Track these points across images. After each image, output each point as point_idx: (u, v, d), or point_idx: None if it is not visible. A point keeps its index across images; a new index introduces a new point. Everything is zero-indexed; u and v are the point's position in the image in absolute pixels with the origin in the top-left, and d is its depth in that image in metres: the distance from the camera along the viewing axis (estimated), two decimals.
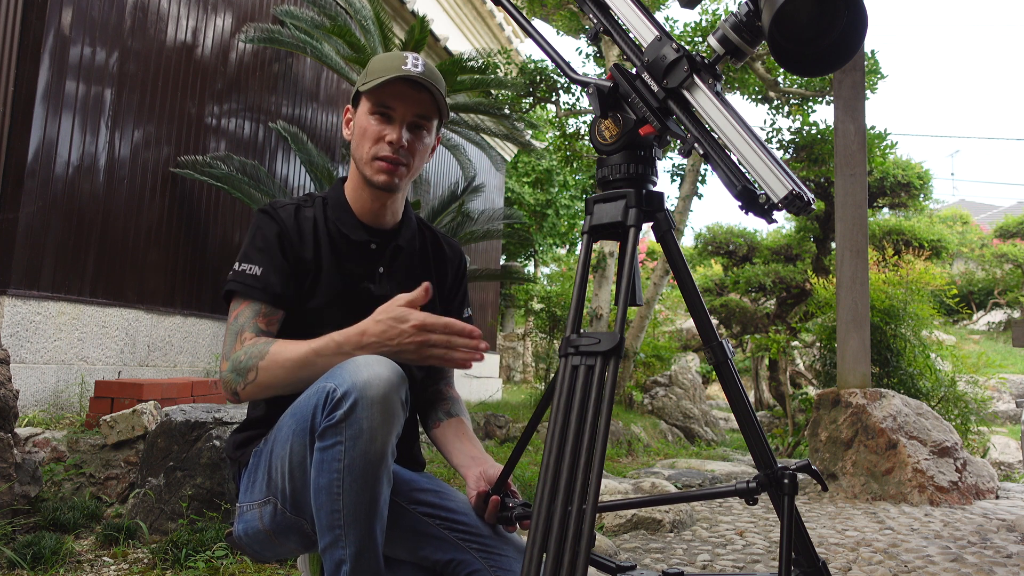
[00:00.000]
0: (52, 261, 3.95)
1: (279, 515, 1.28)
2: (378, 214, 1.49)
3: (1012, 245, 17.53)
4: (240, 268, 1.38)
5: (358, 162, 1.44)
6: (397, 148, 1.41)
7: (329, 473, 1.13)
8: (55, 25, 3.96)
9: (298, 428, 1.21)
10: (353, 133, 1.46)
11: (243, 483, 1.37)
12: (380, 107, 1.42)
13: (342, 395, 1.13)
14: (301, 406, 1.22)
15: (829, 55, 0.96)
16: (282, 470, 1.25)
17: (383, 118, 1.42)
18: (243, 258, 1.39)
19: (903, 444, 4.12)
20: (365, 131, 1.42)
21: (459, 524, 1.39)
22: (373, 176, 1.42)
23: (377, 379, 1.13)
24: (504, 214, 6.74)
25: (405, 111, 1.42)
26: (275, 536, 1.31)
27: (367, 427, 1.12)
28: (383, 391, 1.13)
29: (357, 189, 1.48)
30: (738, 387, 1.12)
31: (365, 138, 1.42)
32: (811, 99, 8.29)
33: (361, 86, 1.43)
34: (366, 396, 1.12)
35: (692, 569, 2.61)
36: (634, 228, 1.07)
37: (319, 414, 1.15)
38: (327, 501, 1.14)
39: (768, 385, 9.79)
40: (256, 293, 1.36)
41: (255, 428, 1.42)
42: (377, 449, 1.13)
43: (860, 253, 4.47)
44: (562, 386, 1.02)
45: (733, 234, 10.92)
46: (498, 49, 8.13)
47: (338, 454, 1.13)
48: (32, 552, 2.20)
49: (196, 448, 2.65)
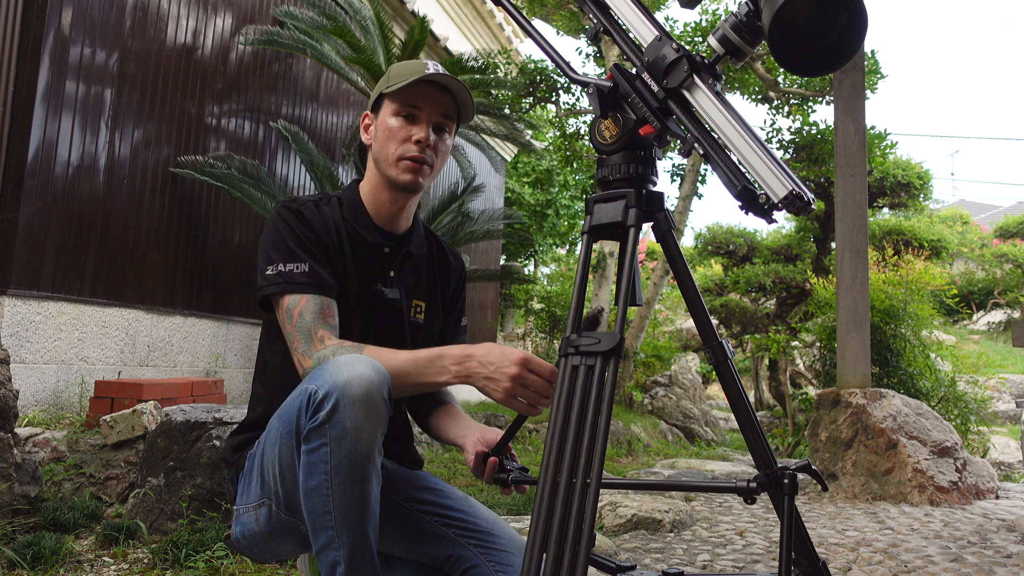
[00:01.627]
0: (52, 261, 3.95)
1: (274, 517, 1.29)
2: (394, 217, 1.49)
3: (1012, 245, 17.54)
4: (283, 268, 1.35)
5: (382, 163, 1.44)
6: (424, 147, 1.42)
7: (317, 475, 1.13)
8: (55, 25, 3.96)
9: (285, 431, 1.21)
10: (376, 136, 1.46)
11: (240, 486, 1.37)
12: (407, 107, 1.43)
13: (323, 396, 1.13)
14: (287, 409, 1.22)
15: (829, 55, 0.96)
16: (274, 473, 1.25)
17: (408, 119, 1.43)
18: (285, 257, 1.36)
19: (903, 444, 4.12)
20: (391, 132, 1.43)
21: (457, 520, 1.40)
22: (399, 176, 1.43)
23: (358, 378, 1.13)
24: (504, 214, 6.74)
25: (431, 111, 1.44)
26: (272, 538, 1.31)
27: (351, 426, 1.12)
28: (364, 389, 1.13)
29: (375, 191, 1.48)
30: (738, 387, 1.12)
31: (391, 139, 1.43)
32: (811, 99, 8.29)
33: (385, 89, 1.44)
34: (347, 395, 1.12)
35: (692, 569, 2.61)
36: (634, 228, 1.07)
37: (303, 416, 1.15)
38: (318, 503, 1.14)
39: (768, 385, 9.80)
40: (312, 288, 1.34)
41: (251, 431, 1.42)
42: (363, 448, 1.13)
43: (860, 253, 4.47)
44: (562, 386, 1.02)
45: (733, 234, 10.92)
46: (498, 49, 8.13)
47: (324, 456, 1.13)
48: (32, 552, 2.20)
49: (196, 448, 2.65)
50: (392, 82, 1.43)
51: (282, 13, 5.69)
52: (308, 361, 1.28)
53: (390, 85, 1.43)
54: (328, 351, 1.27)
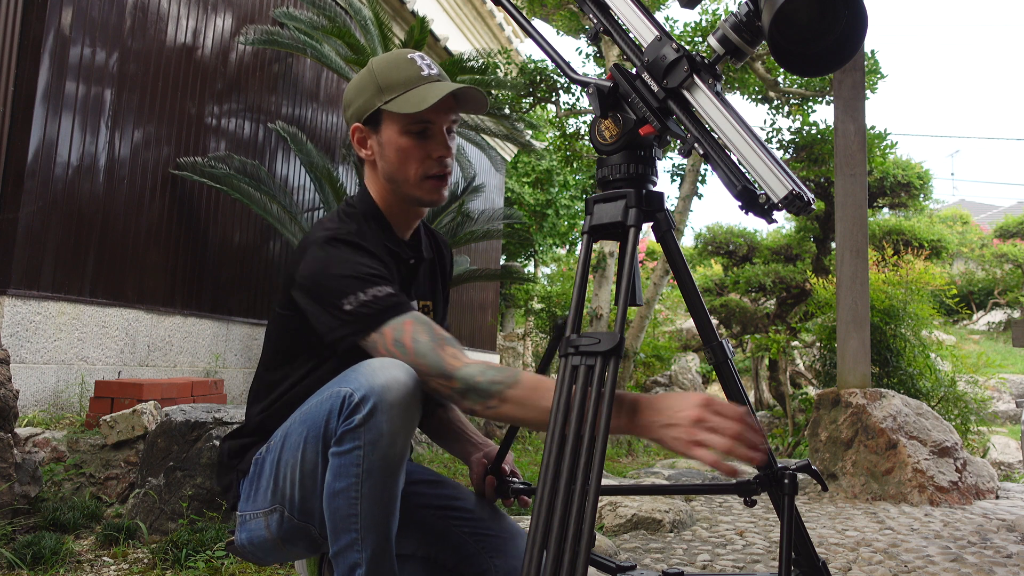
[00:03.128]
0: (52, 261, 3.95)
1: (286, 522, 1.27)
2: (411, 228, 1.45)
3: (1012, 245, 17.53)
4: (365, 297, 1.21)
5: (401, 184, 1.36)
6: (444, 159, 1.36)
7: (347, 478, 1.12)
8: (55, 25, 3.96)
9: (310, 435, 1.19)
10: (382, 154, 1.36)
11: (243, 491, 1.35)
12: (418, 124, 1.33)
13: (360, 399, 1.11)
14: (313, 412, 1.20)
15: (829, 55, 0.96)
16: (292, 477, 1.23)
17: (421, 135, 1.34)
18: (363, 284, 1.22)
19: (903, 444, 4.12)
20: (406, 152, 1.34)
21: (453, 510, 1.42)
22: (425, 196, 1.37)
23: (395, 383, 1.12)
24: (504, 214, 6.75)
25: (442, 121, 1.36)
26: (284, 543, 1.29)
27: (387, 431, 1.11)
28: (402, 395, 1.12)
29: (392, 206, 1.40)
30: (738, 387, 1.12)
31: (408, 159, 1.34)
32: (811, 99, 8.29)
33: (385, 104, 1.33)
34: (385, 400, 1.11)
35: (692, 569, 2.61)
36: (634, 228, 1.07)
37: (334, 419, 1.14)
38: (343, 505, 1.13)
39: (768, 385, 9.80)
40: (405, 307, 1.23)
41: (250, 436, 1.39)
42: (397, 453, 1.13)
43: (860, 253, 4.46)
44: (562, 386, 1.02)
45: (733, 234, 10.92)
46: (498, 49, 8.13)
47: (356, 459, 1.12)
48: (32, 552, 2.20)
49: (196, 448, 2.65)
50: (391, 94, 1.33)
51: (282, 14, 5.69)
52: (455, 383, 1.17)
53: (390, 99, 1.32)
54: (475, 371, 1.15)
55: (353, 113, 1.39)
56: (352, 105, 1.39)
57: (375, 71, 1.36)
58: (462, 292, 9.11)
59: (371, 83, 1.35)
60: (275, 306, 1.39)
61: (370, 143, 1.38)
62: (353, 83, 1.40)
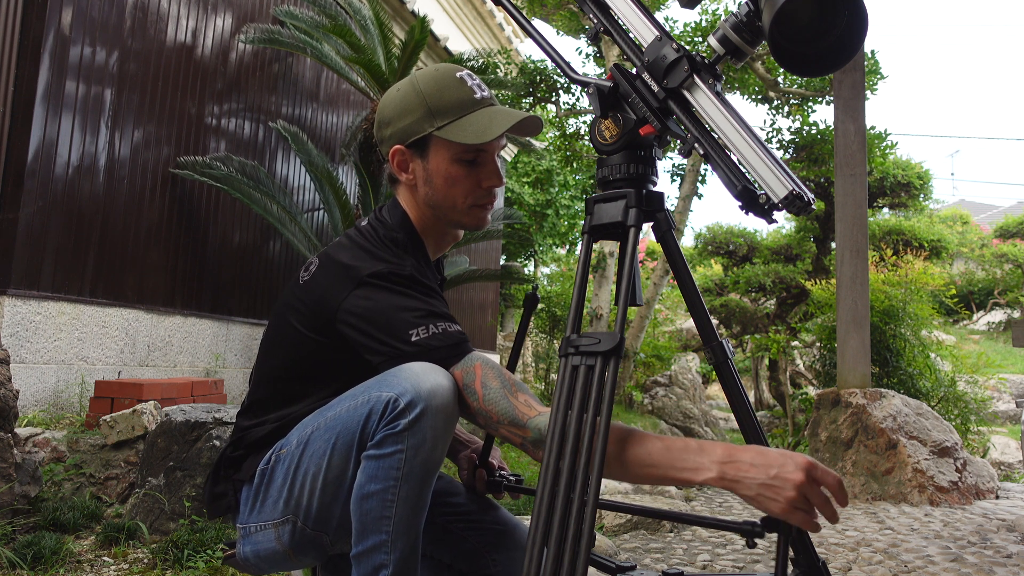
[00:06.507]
0: (52, 261, 3.95)
1: (299, 533, 1.23)
2: (444, 251, 1.41)
3: (1012, 245, 17.53)
4: (436, 330, 1.17)
5: (447, 211, 1.31)
6: (494, 190, 1.33)
7: (384, 480, 1.11)
8: (55, 25, 3.96)
9: (340, 441, 1.16)
10: (427, 180, 1.30)
11: (244, 502, 1.29)
12: (472, 152, 1.28)
13: (407, 404, 1.10)
14: (343, 418, 1.16)
15: (829, 55, 0.96)
16: (312, 486, 1.19)
17: (472, 163, 1.29)
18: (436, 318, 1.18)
19: (903, 444, 4.12)
20: (456, 180, 1.29)
21: (448, 506, 1.42)
22: (472, 222, 1.33)
23: (441, 388, 1.11)
24: (504, 214, 6.74)
25: (495, 148, 1.32)
26: (295, 554, 1.25)
27: (430, 436, 1.11)
28: (447, 401, 1.12)
29: (430, 230, 1.35)
30: (738, 387, 1.12)
31: (457, 188, 1.29)
32: (811, 99, 8.29)
33: (439, 131, 1.26)
34: (432, 405, 1.10)
35: (692, 569, 2.61)
36: (634, 228, 1.07)
37: (374, 422, 1.12)
38: (375, 507, 1.11)
39: (768, 385, 9.80)
40: (471, 346, 1.20)
41: (254, 448, 1.33)
42: (436, 458, 1.13)
43: (860, 253, 4.47)
44: (562, 386, 1.02)
45: (733, 234, 10.93)
46: (498, 49, 8.13)
47: (397, 462, 1.11)
48: (32, 552, 2.20)
49: (196, 448, 2.65)
50: (443, 119, 1.26)
51: (282, 13, 5.69)
52: (527, 432, 1.12)
53: (443, 124, 1.26)
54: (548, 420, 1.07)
55: (394, 134, 1.30)
56: (393, 125, 1.30)
57: (422, 91, 1.28)
58: (462, 292, 9.11)
59: (418, 104, 1.28)
60: (294, 322, 1.28)
61: (412, 167, 1.31)
62: (393, 100, 1.31)
